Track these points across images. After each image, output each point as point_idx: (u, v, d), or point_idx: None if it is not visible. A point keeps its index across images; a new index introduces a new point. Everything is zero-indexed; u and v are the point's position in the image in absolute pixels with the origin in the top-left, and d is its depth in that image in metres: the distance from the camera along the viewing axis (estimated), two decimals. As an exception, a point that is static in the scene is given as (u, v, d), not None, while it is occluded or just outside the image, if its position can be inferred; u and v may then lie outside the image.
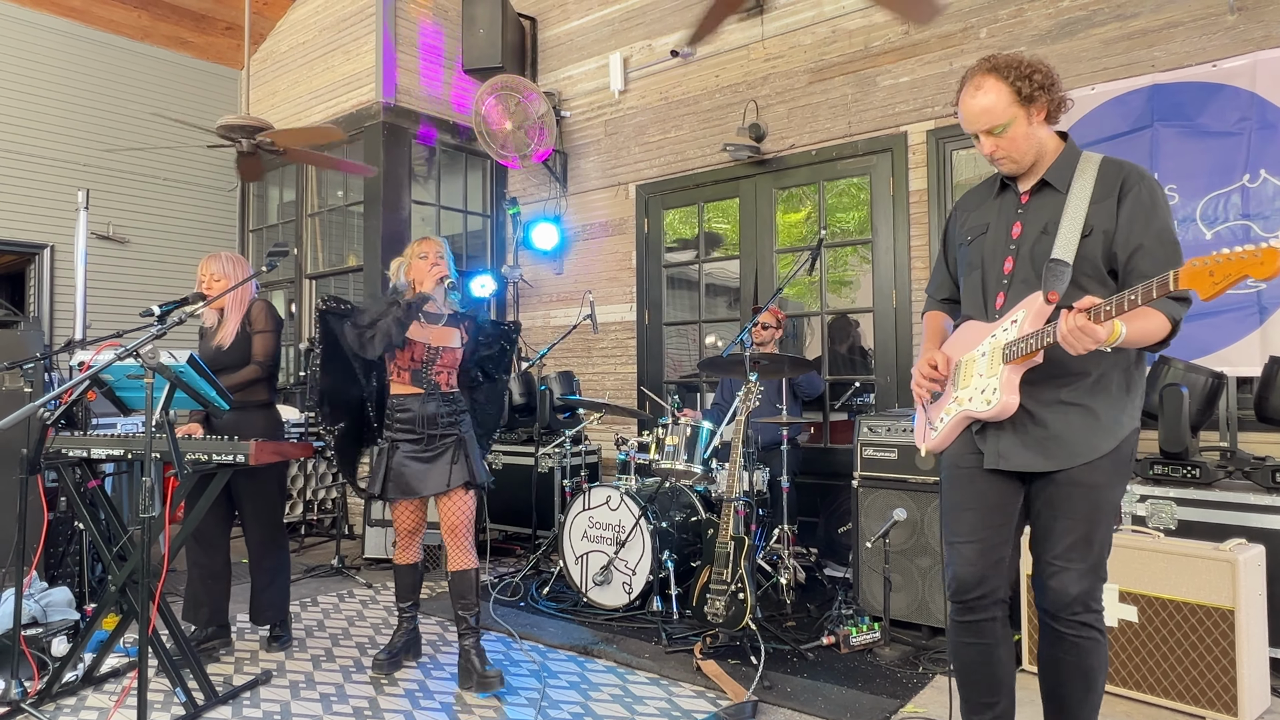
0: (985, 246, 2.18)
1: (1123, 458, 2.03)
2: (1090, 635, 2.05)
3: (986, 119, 2.04)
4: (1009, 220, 2.15)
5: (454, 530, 3.22)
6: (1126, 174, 2.01)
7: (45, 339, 4.60)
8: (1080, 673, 2.06)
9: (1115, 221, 1.99)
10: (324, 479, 6.27)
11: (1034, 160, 2.09)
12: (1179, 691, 2.88)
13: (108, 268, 6.68)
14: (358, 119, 6.30)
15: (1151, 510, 3.39)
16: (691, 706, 3.00)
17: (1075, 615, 2.04)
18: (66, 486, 3.14)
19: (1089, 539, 2.02)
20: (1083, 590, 2.03)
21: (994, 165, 2.14)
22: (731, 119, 5.63)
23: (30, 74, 6.43)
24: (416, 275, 3.23)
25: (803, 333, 6.82)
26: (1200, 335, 3.91)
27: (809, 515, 5.02)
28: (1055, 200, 2.06)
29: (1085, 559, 2.02)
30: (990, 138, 2.06)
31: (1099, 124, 4.20)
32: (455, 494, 3.20)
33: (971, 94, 2.07)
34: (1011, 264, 2.11)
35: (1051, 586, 2.05)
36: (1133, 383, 2.07)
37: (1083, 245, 1.99)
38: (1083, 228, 1.99)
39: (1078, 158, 2.08)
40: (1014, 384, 2.01)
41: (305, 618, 4.08)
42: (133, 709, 2.88)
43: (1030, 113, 2.03)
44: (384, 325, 3.03)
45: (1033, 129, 2.05)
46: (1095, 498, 2.01)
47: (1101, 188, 2.01)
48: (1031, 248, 2.07)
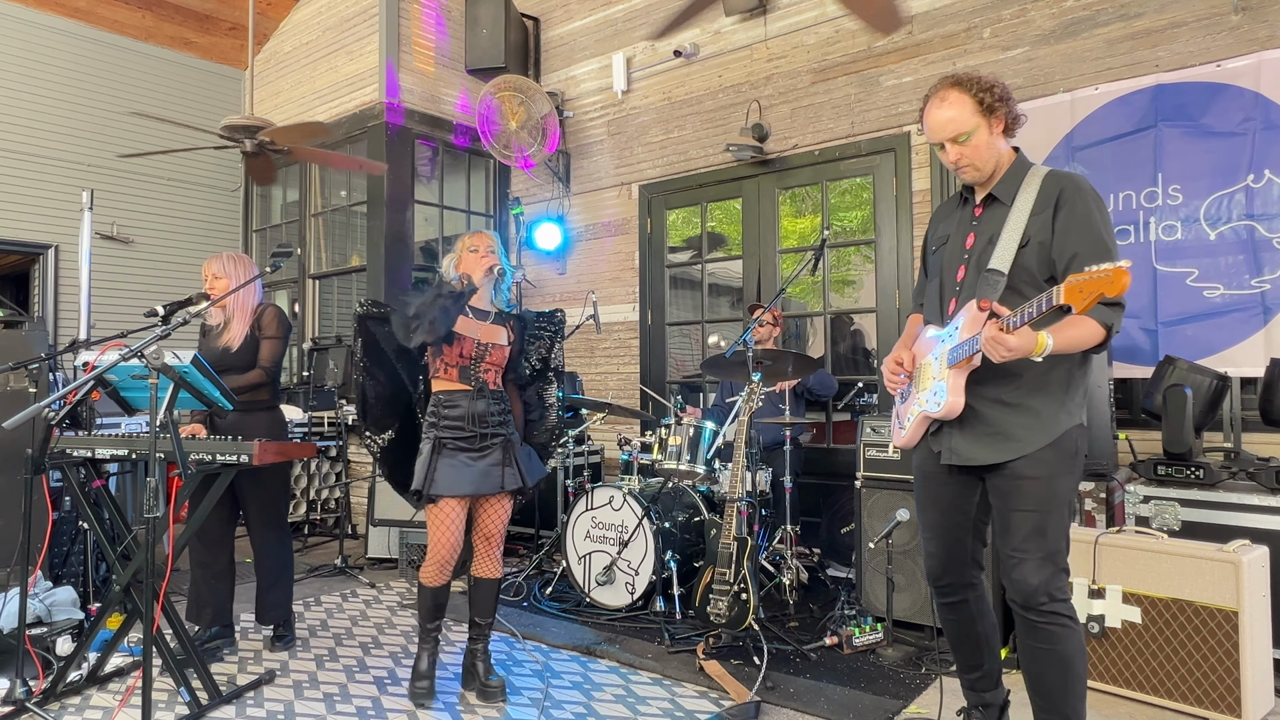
0: (945, 256, 2.35)
1: (1064, 451, 2.16)
2: (1060, 622, 2.15)
3: (952, 128, 2.18)
4: (965, 231, 2.31)
5: (490, 537, 3.11)
6: (1063, 186, 2.15)
7: (50, 339, 4.62)
8: (1056, 660, 2.15)
9: (1051, 232, 2.13)
10: (327, 478, 6.28)
11: (994, 169, 2.24)
12: (1182, 693, 2.88)
13: (112, 268, 6.69)
14: (361, 119, 6.31)
15: (1155, 511, 3.39)
16: (694, 707, 3.01)
17: (1042, 605, 2.14)
18: (71, 486, 3.15)
19: (1041, 529, 2.14)
20: (1042, 579, 2.13)
21: (958, 174, 2.27)
22: (734, 119, 5.63)
23: (35, 74, 6.45)
24: (467, 268, 3.12)
25: (805, 333, 6.82)
26: (1204, 336, 3.90)
27: (812, 515, 5.02)
28: (1001, 212, 2.21)
29: (1040, 548, 2.14)
30: (955, 146, 2.20)
31: (1102, 124, 4.20)
32: (502, 499, 3.10)
33: (937, 105, 2.21)
34: (963, 272, 2.27)
35: (1013, 578, 2.18)
36: (1074, 383, 2.20)
37: (1020, 255, 2.14)
38: (1020, 238, 2.14)
39: (1025, 171, 2.22)
40: (959, 386, 2.17)
41: (308, 617, 4.09)
42: (137, 708, 2.89)
43: (991, 123, 2.18)
44: (431, 313, 2.87)
45: (993, 139, 2.20)
46: (1042, 489, 2.14)
47: (1041, 200, 2.15)
48: (979, 257, 2.23)
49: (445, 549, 2.98)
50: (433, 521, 2.98)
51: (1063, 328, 2.02)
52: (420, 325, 2.87)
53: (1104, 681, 3.06)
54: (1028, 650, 2.20)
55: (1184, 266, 3.99)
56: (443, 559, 2.99)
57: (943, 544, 2.40)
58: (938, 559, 2.42)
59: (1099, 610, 3.06)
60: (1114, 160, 4.17)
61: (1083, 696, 2.20)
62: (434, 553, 2.98)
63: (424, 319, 2.87)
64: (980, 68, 4.68)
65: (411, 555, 4.97)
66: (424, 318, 2.87)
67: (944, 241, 2.36)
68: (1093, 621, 3.06)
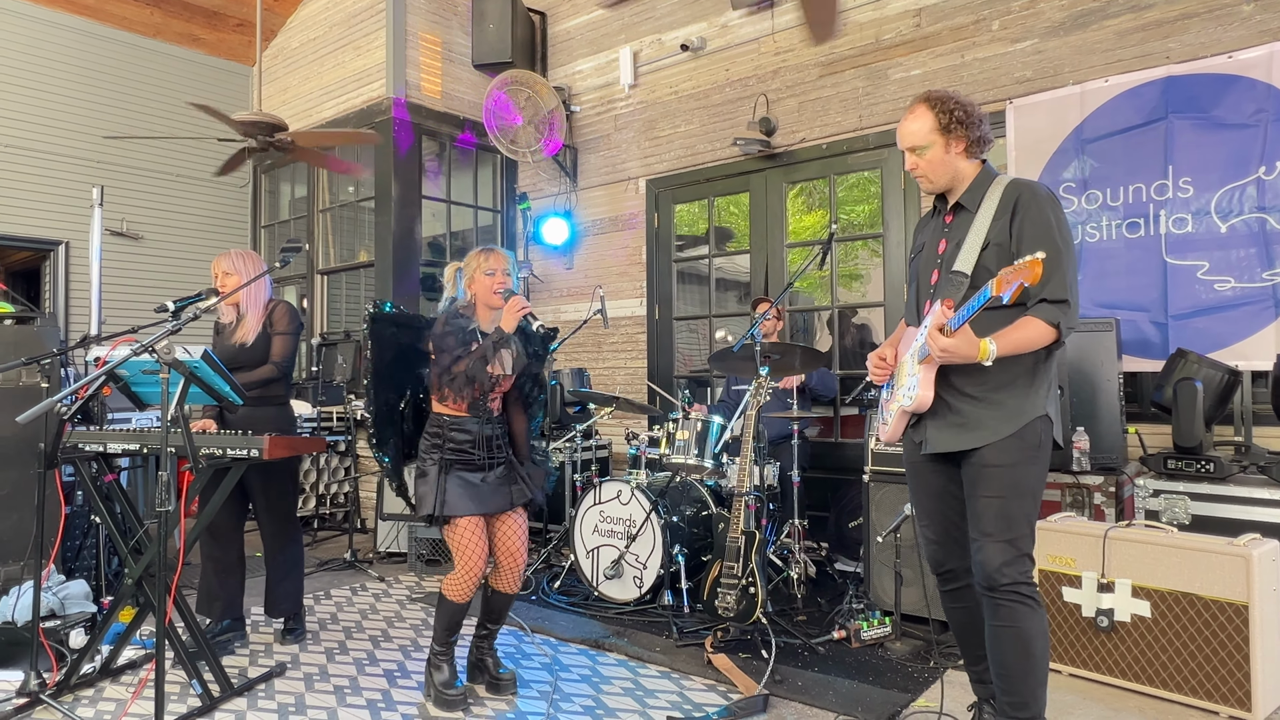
0: (921, 262, 2.54)
1: (1028, 441, 2.28)
2: (1023, 600, 2.25)
3: (909, 140, 2.40)
4: (938, 238, 2.48)
5: (514, 553, 3.09)
6: (1021, 192, 2.30)
7: (61, 335, 4.65)
8: (1016, 638, 2.25)
9: (1009, 235, 2.28)
10: (335, 473, 6.31)
11: (948, 183, 2.42)
12: (1192, 687, 2.87)
13: (121, 263, 6.73)
14: (368, 115, 6.31)
15: (1165, 505, 3.38)
16: (703, 700, 3.01)
17: (1005, 584, 2.24)
18: (84, 480, 3.17)
19: (1005, 514, 2.26)
20: (1005, 561, 2.24)
21: (915, 179, 2.47)
22: (742, 113, 5.61)
23: (44, 71, 6.48)
24: (480, 292, 3.03)
25: (813, 327, 6.81)
26: (1215, 329, 3.88)
27: (819, 510, 5.02)
28: (967, 219, 2.37)
29: (1003, 533, 2.26)
30: (913, 155, 2.40)
31: (1112, 117, 4.17)
32: (515, 514, 3.10)
33: (907, 117, 2.42)
34: (936, 276, 2.45)
35: (978, 560, 2.29)
36: (1038, 377, 2.32)
37: (982, 257, 2.30)
38: (983, 242, 2.30)
39: (990, 181, 2.38)
40: (929, 380, 2.33)
41: (319, 610, 4.11)
42: (150, 700, 2.92)
43: (948, 142, 2.35)
44: (468, 371, 2.86)
45: (949, 156, 2.37)
46: (1006, 476, 2.26)
47: (1001, 206, 2.31)
48: (948, 262, 2.39)
49: (473, 565, 2.94)
50: (455, 540, 2.95)
51: (1009, 331, 2.20)
52: (457, 381, 2.87)
53: (1112, 675, 3.05)
54: (991, 633, 2.31)
55: (1195, 259, 3.97)
56: (470, 577, 2.95)
57: (940, 528, 2.50)
58: (938, 544, 2.51)
59: (1108, 604, 3.05)
60: (1124, 153, 4.15)
61: (1043, 682, 2.28)
62: (462, 569, 2.94)
63: (459, 376, 2.87)
64: (989, 60, 4.66)
65: (420, 550, 4.99)
66: (458, 375, 2.87)
67: (920, 249, 2.56)
68: (1101, 615, 3.06)
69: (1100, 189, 4.23)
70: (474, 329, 3.00)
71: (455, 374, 2.88)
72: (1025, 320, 2.21)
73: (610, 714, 2.89)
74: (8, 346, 3.69)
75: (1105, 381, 3.67)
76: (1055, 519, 3.29)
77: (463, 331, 2.96)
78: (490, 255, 3.06)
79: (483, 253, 3.07)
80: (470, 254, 3.11)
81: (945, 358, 2.20)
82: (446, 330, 2.95)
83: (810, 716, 2.86)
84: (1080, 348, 3.69)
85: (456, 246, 6.99)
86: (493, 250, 3.08)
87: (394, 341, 3.02)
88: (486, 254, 3.06)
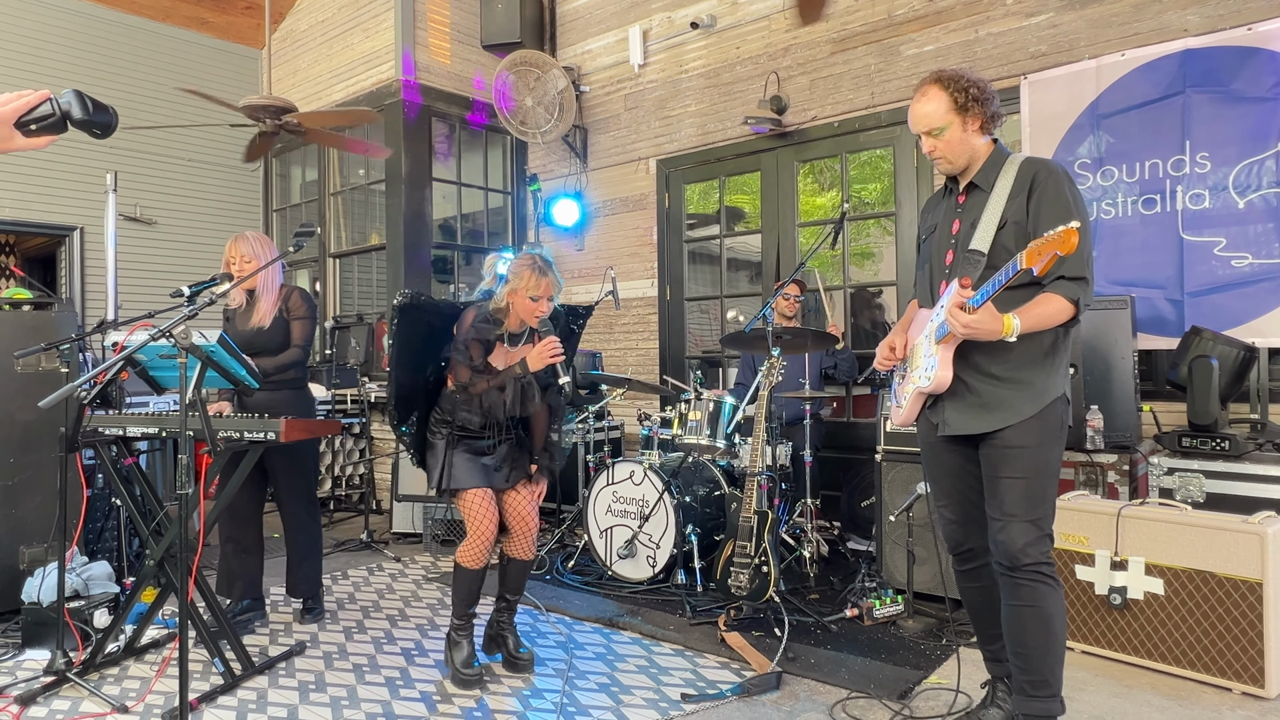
0: (933, 243, 2.50)
1: (1050, 423, 2.28)
2: (1043, 580, 2.25)
3: (926, 122, 2.35)
4: (951, 218, 2.45)
5: (525, 519, 3.14)
6: (1037, 170, 2.28)
7: (78, 320, 4.70)
8: (1037, 617, 2.25)
9: (1026, 213, 2.26)
10: (351, 455, 6.36)
11: (967, 163, 2.38)
12: (1205, 664, 2.88)
13: (135, 248, 6.77)
14: (378, 97, 6.30)
15: (1179, 483, 3.37)
16: (716, 677, 3.05)
17: (1027, 564, 2.24)
18: (104, 464, 3.22)
19: (1028, 495, 2.26)
20: (1028, 541, 2.24)
21: (934, 164, 2.45)
22: (753, 91, 5.57)
23: (55, 57, 6.50)
24: (518, 308, 2.97)
25: (824, 307, 6.78)
26: (1231, 306, 3.85)
27: (832, 489, 5.04)
28: (982, 198, 2.35)
29: (1026, 513, 2.25)
30: (930, 138, 2.36)
31: (1129, 91, 4.12)
32: (523, 486, 3.15)
33: (918, 100, 2.37)
34: (951, 256, 2.41)
35: (1000, 540, 2.28)
36: (1057, 356, 2.31)
37: (998, 236, 2.27)
38: (999, 220, 2.28)
39: (1003, 160, 2.36)
40: (947, 361, 2.30)
41: (336, 590, 4.17)
42: (173, 678, 2.97)
43: (965, 120, 2.32)
44: (483, 399, 2.93)
45: (966, 135, 2.34)
46: (1029, 458, 2.26)
47: (1017, 184, 2.29)
48: (964, 241, 2.36)
49: (483, 533, 3.00)
50: (465, 510, 3.02)
51: (1030, 307, 2.17)
52: (478, 403, 2.96)
53: (1124, 652, 3.07)
54: (1010, 611, 2.31)
55: (1211, 235, 3.93)
56: (482, 543, 3.00)
57: (959, 508, 2.48)
58: (957, 524, 2.50)
59: (1121, 582, 3.06)
60: (1140, 128, 4.09)
61: (1061, 660, 2.29)
62: (473, 536, 3.01)
63: (485, 402, 2.95)
64: (1003, 35, 4.60)
65: (435, 530, 5.04)
66: (484, 400, 2.95)
67: (933, 230, 2.52)
68: (1115, 593, 3.07)
69: (1116, 165, 4.18)
70: (500, 335, 3.02)
71: (470, 395, 2.95)
72: (1045, 296, 2.19)
73: (625, 691, 2.93)
74: (27, 332, 3.73)
75: (1120, 359, 3.65)
76: (1068, 498, 3.29)
77: (488, 343, 2.99)
78: (542, 280, 2.92)
79: (535, 271, 2.92)
80: (521, 263, 2.96)
81: (969, 334, 2.17)
82: (472, 335, 2.97)
83: (823, 693, 2.89)
84: (1095, 325, 3.66)
85: (467, 229, 6.99)
86: (547, 273, 2.94)
87: (420, 326, 3.03)
88: (538, 276, 2.92)
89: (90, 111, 1.50)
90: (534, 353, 2.94)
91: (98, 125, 1.52)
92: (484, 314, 3.00)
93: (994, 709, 2.54)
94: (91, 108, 1.50)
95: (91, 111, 1.51)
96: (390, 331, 2.98)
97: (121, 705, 2.81)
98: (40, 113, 1.46)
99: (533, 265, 2.94)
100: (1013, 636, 2.31)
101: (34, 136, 1.46)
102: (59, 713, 2.79)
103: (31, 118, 1.45)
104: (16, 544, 3.67)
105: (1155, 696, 2.82)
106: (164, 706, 2.81)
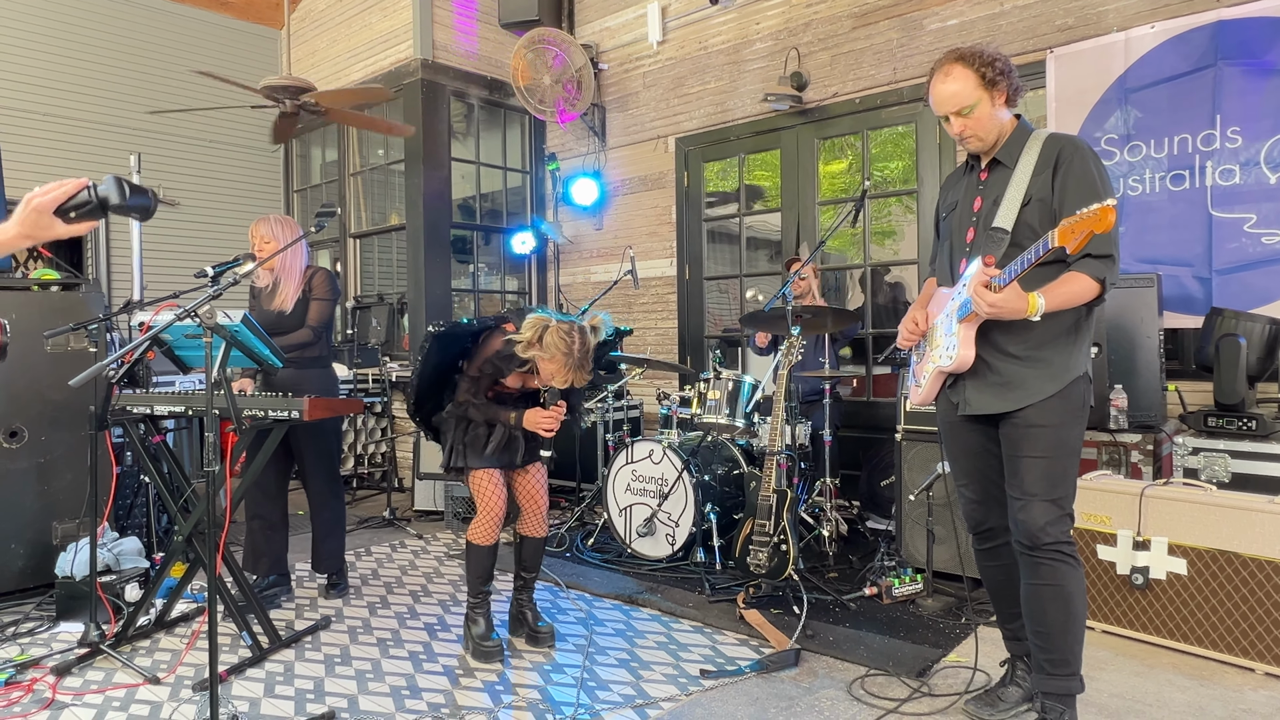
0: (954, 221, 2.47)
1: (1072, 402, 2.27)
2: (1064, 559, 2.25)
3: (955, 102, 2.29)
4: (972, 195, 2.42)
5: (534, 497, 3.21)
6: (1062, 147, 2.25)
7: (105, 300, 4.76)
8: (1058, 596, 2.26)
9: (1051, 190, 2.23)
10: (373, 434, 6.43)
11: (995, 139, 2.34)
12: (1228, 644, 2.86)
13: (159, 230, 6.82)
14: (396, 76, 6.30)
15: (1204, 463, 3.34)
16: (735, 653, 3.07)
17: (1048, 543, 2.24)
18: (133, 441, 3.28)
19: (1049, 474, 2.25)
20: (1049, 520, 2.24)
21: (963, 144, 2.39)
22: (773, 68, 5.51)
23: (76, 39, 6.54)
24: (540, 369, 2.87)
25: (845, 285, 6.74)
26: (1261, 283, 3.78)
27: (851, 469, 5.03)
28: (1005, 175, 2.32)
29: (1048, 492, 2.24)
30: (959, 118, 2.31)
31: (1158, 65, 4.03)
32: (533, 466, 3.21)
33: (941, 80, 2.31)
34: (973, 234, 2.38)
35: (1020, 519, 2.28)
36: (1080, 335, 2.29)
37: (1023, 213, 2.25)
38: (1023, 197, 2.25)
39: (1027, 136, 2.33)
40: (969, 339, 2.28)
41: (360, 567, 4.23)
42: (203, 651, 3.04)
43: (993, 96, 2.28)
44: (477, 435, 3.04)
45: (995, 111, 2.30)
46: (1051, 437, 2.25)
47: (1042, 161, 2.26)
48: (986, 219, 2.34)
49: (492, 511, 3.07)
50: (474, 487, 3.11)
51: (1055, 286, 2.15)
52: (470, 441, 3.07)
53: (1146, 632, 3.05)
54: (1030, 591, 2.30)
55: (1241, 212, 3.85)
56: (491, 520, 3.08)
57: (980, 487, 2.48)
58: (978, 503, 2.50)
59: (1143, 562, 3.04)
60: (1169, 102, 4.01)
61: (1081, 639, 2.29)
62: (482, 514, 3.09)
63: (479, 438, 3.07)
64: (1029, 8, 4.52)
65: (456, 508, 5.09)
66: (477, 436, 3.07)
67: (953, 207, 2.48)
68: (1136, 573, 3.05)
69: (1144, 140, 4.10)
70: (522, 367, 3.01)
71: (459, 416, 3.05)
72: (1071, 275, 2.17)
73: (645, 666, 2.96)
74: (56, 312, 3.79)
75: (1145, 338, 3.61)
76: (1091, 477, 3.27)
77: (499, 373, 3.02)
78: (573, 375, 2.82)
79: (568, 367, 2.80)
80: (563, 343, 2.78)
81: (994, 313, 2.14)
82: (489, 370, 3.01)
83: (841, 670, 2.90)
84: (1120, 304, 3.62)
85: (486, 208, 7.00)
86: (581, 369, 2.83)
87: (449, 350, 3.09)
88: (571, 371, 2.81)
89: (127, 197, 1.54)
90: (531, 416, 2.99)
91: (135, 210, 1.57)
92: (508, 350, 2.91)
93: (1013, 687, 2.55)
94: (129, 192, 1.55)
95: (129, 196, 1.55)
96: (420, 349, 3.03)
97: (154, 676, 2.88)
98: (79, 200, 1.51)
99: (568, 355, 2.79)
100: (1033, 615, 2.31)
101: (75, 223, 1.50)
102: (93, 683, 2.86)
103: (70, 205, 1.49)
104: (49, 520, 3.75)
105: (1176, 676, 2.81)
106: (194, 678, 2.87)
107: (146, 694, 2.78)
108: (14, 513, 3.67)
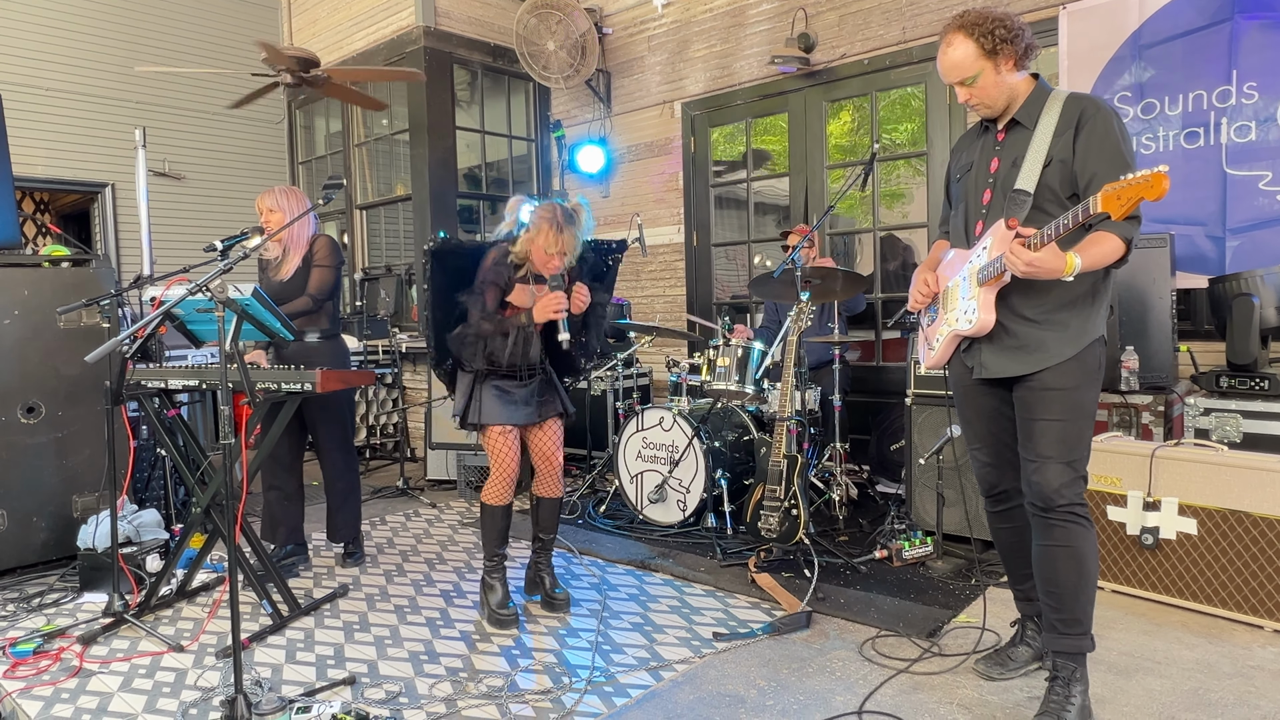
0: (969, 182, 2.43)
1: (1088, 365, 2.25)
2: (1077, 520, 2.25)
3: (957, 73, 2.27)
4: (989, 157, 2.38)
5: (549, 458, 3.22)
6: (1084, 107, 2.21)
7: (116, 275, 4.78)
8: (1071, 557, 2.25)
9: (1073, 151, 2.19)
10: (385, 405, 6.47)
11: (1006, 104, 2.31)
12: (1237, 602, 2.88)
13: (165, 203, 6.83)
14: (399, 44, 6.23)
15: (1216, 424, 3.33)
16: (747, 616, 3.11)
17: (1061, 505, 2.23)
18: (149, 415, 3.31)
19: (1065, 437, 2.24)
20: (1063, 482, 2.23)
21: (972, 110, 2.36)
22: (779, 29, 5.43)
23: (80, 13, 6.48)
24: (534, 257, 2.96)
25: (854, 249, 6.70)
26: (1275, 242, 3.74)
27: (861, 433, 5.04)
28: (1024, 136, 2.27)
29: (1063, 455, 2.23)
30: (964, 88, 2.29)
31: (1173, 19, 3.95)
32: (551, 423, 3.21)
33: (944, 50, 2.29)
34: (989, 196, 2.35)
35: (1034, 481, 2.27)
36: (1099, 297, 2.27)
37: (1044, 175, 2.21)
38: (1044, 159, 2.21)
39: (1046, 96, 2.28)
40: (989, 303, 2.26)
41: (375, 536, 4.29)
42: (225, 619, 3.10)
43: (997, 63, 2.24)
44: (487, 346, 2.96)
45: (1001, 77, 2.25)
46: (1066, 399, 2.24)
47: (1063, 121, 2.21)
48: (1004, 180, 2.30)
49: (505, 470, 3.10)
50: (489, 446, 3.11)
51: (1088, 245, 2.10)
52: (472, 352, 2.99)
53: (1155, 591, 3.08)
54: (1043, 552, 2.30)
55: (1258, 169, 3.80)
56: (504, 479, 3.11)
57: (993, 450, 2.48)
58: (992, 466, 2.50)
59: (1153, 522, 3.05)
60: (1184, 58, 3.94)
61: (1092, 599, 2.30)
62: (495, 474, 3.11)
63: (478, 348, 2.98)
64: (1042, -38, 4.42)
65: (469, 477, 5.14)
66: (476, 347, 2.98)
67: (968, 169, 2.45)
68: (1146, 533, 3.06)
69: (1158, 97, 4.04)
70: (524, 277, 3.03)
71: (472, 335, 2.97)
72: (1101, 235, 2.11)
73: (658, 630, 3.00)
74: (67, 289, 3.81)
75: (1157, 299, 3.59)
76: (1102, 439, 3.27)
77: (504, 286, 3.01)
78: (561, 236, 2.88)
79: (552, 227, 2.88)
80: (542, 215, 2.91)
81: (1030, 271, 2.05)
82: (489, 278, 3.00)
83: (852, 632, 2.94)
84: (1132, 264, 3.50)
85: (492, 177, 6.96)
86: (566, 229, 2.89)
87: (451, 269, 3.07)
88: (555, 233, 2.88)
89: None
90: (538, 305, 2.96)
91: None
92: (503, 256, 3.02)
93: (1023, 646, 2.58)
94: None
95: None
96: (424, 276, 3.01)
97: (177, 645, 2.94)
98: None
99: (551, 220, 2.90)
100: (1045, 576, 2.32)
101: None
102: (119, 652, 2.93)
103: None
104: (69, 493, 3.81)
105: (1185, 634, 2.84)
106: (217, 645, 2.93)
107: (171, 661, 2.84)
108: (34, 487, 3.73)
